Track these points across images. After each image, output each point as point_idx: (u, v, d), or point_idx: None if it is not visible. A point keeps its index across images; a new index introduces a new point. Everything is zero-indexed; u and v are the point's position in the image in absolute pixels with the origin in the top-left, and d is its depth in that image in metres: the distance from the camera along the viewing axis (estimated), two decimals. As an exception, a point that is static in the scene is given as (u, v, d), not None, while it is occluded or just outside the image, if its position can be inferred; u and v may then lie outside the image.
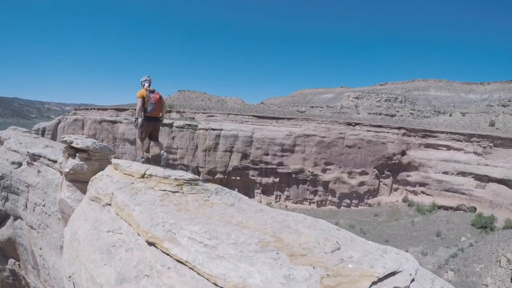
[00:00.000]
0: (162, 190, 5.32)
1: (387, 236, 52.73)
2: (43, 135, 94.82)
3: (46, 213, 11.35)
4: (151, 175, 5.81)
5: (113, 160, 6.95)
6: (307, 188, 70.88)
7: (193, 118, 76.72)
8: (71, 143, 8.29)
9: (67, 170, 8.10)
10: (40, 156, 12.11)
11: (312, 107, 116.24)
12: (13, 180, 13.57)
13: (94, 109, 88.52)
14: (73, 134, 74.83)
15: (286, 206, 69.24)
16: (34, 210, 12.53)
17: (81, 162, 8.03)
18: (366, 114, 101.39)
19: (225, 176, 71.27)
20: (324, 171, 69.81)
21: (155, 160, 7.22)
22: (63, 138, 8.65)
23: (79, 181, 8.24)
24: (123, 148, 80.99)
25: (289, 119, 74.95)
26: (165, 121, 73.02)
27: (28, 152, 12.96)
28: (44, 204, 11.58)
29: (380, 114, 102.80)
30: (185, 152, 73.55)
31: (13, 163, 13.76)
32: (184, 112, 79.26)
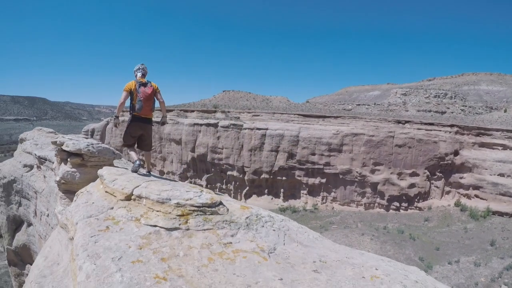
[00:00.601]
0: (151, 226, 3.98)
1: (437, 243, 53.22)
2: (92, 136, 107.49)
3: (49, 225, 10.61)
4: (140, 197, 4.55)
5: (100, 171, 5.88)
6: (354, 190, 73.21)
7: (238, 117, 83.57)
8: (61, 145, 7.12)
9: (57, 178, 7.04)
10: (45, 160, 11.43)
11: (359, 105, 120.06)
12: (24, 184, 13.17)
13: None
14: (120, 135, 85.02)
15: (333, 208, 73.07)
16: (41, 219, 11.87)
17: (73, 170, 6.82)
18: (415, 111, 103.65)
19: (271, 176, 76.27)
20: (372, 171, 71.80)
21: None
22: (55, 138, 7.62)
23: (73, 192, 6.66)
24: (169, 148, 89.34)
25: (336, 117, 78.37)
26: (210, 121, 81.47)
27: (35, 154, 12.35)
28: (48, 214, 10.93)
29: (430, 111, 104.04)
30: (231, 152, 79.81)
31: (25, 166, 13.43)
32: (229, 112, 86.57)
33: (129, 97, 6.00)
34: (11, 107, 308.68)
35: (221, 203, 4.70)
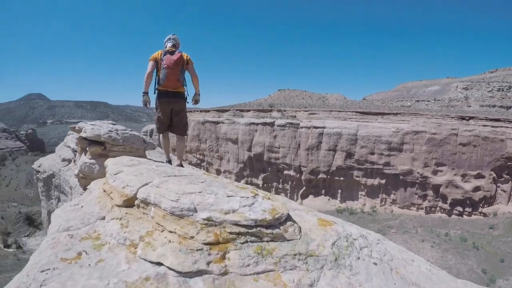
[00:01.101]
0: (153, 263, 2.65)
1: (503, 254, 51.18)
2: (150, 136, 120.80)
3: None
4: (147, 202, 3.30)
5: (107, 160, 5.01)
6: (415, 192, 73.36)
7: (295, 116, 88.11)
8: (80, 131, 6.36)
9: (75, 171, 6.36)
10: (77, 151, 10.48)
11: (418, 101, 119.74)
12: (61, 179, 12.94)
13: (197, 111, 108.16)
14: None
15: (392, 211, 74.00)
16: (75, 218, 11.97)
17: (91, 161, 5.95)
18: (478, 106, 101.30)
19: (328, 176, 79.40)
20: (434, 172, 71.60)
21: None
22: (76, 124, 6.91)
23: (94, 187, 5.72)
24: (226, 147, 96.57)
25: (396, 114, 79.18)
26: (266, 120, 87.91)
27: (71, 147, 12.08)
28: (78, 213, 10.82)
29: (494, 106, 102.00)
30: (287, 151, 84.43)
31: (63, 160, 13.23)
32: (285, 110, 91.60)
33: (155, 69, 5.41)
34: (75, 111, 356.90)
35: (288, 217, 3.27)
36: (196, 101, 5.83)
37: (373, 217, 71.28)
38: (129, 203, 3.53)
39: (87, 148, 6.14)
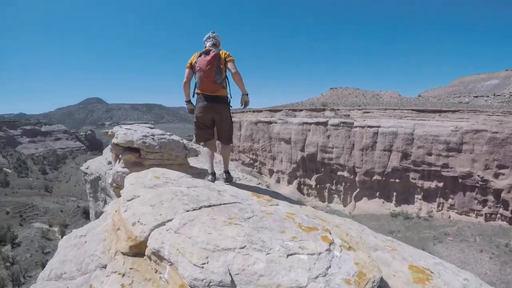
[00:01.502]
0: None
1: None
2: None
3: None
4: (160, 257, 2.67)
5: (128, 177, 4.76)
6: (475, 197, 71.14)
7: (348, 115, 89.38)
8: (113, 136, 6.04)
9: (109, 180, 6.13)
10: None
11: (476, 96, 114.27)
12: (106, 182, 12.69)
13: (250, 111, 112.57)
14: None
15: (449, 217, 72.18)
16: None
17: (124, 170, 5.60)
18: None
19: (383, 178, 79.62)
20: (496, 175, 68.80)
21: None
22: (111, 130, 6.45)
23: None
24: (279, 147, 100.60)
25: (454, 111, 76.97)
26: (319, 119, 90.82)
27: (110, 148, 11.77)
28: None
29: None
30: (341, 151, 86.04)
31: (109, 162, 13.07)
32: (338, 109, 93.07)
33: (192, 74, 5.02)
34: (131, 114, 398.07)
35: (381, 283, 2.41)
36: (245, 103, 5.08)
37: (429, 222, 70.61)
38: (138, 249, 2.87)
39: (120, 156, 5.79)
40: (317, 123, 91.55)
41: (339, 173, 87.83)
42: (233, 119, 5.30)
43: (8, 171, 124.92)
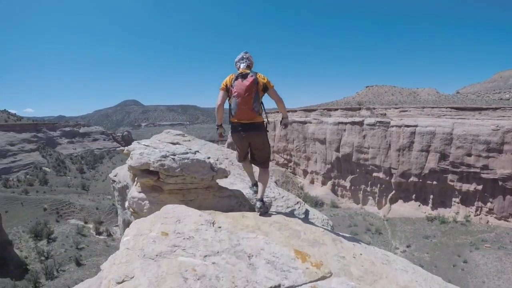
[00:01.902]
0: None
1: None
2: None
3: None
4: None
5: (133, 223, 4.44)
6: None
7: (385, 114, 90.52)
8: (128, 155, 5.59)
9: (126, 204, 5.72)
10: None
11: None
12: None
13: None
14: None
15: (488, 222, 71.52)
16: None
17: (140, 195, 5.27)
18: None
19: (420, 180, 79.94)
20: None
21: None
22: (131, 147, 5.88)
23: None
24: (313, 147, 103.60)
25: (495, 109, 76.15)
26: (355, 119, 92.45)
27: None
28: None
29: None
30: (377, 151, 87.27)
31: None
32: (374, 108, 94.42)
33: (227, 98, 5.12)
34: (166, 115, 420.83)
35: None
36: (285, 125, 5.54)
37: (466, 227, 70.22)
38: None
39: (136, 178, 5.29)
40: (353, 123, 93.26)
41: (375, 174, 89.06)
42: (268, 119, 5.35)
43: (47, 170, 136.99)
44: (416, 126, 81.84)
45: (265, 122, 5.18)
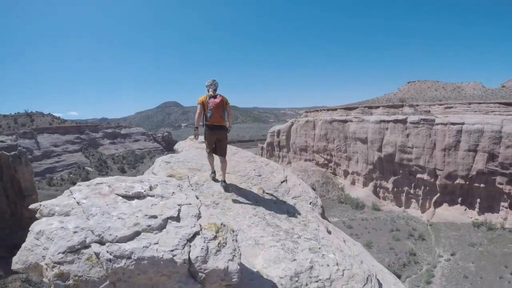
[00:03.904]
0: None
1: None
2: (278, 136, 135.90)
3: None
4: None
5: None
6: None
7: (429, 111, 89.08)
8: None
9: None
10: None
11: None
12: None
13: (324, 110, 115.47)
14: (304, 135, 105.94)
15: None
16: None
17: None
18: None
19: (467, 182, 77.65)
20: None
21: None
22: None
23: None
24: (354, 147, 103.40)
25: None
26: (398, 116, 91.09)
27: (155, 174, 10.01)
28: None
29: None
30: (421, 151, 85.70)
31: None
32: (417, 105, 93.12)
33: (203, 109, 8.00)
34: None
35: None
36: (228, 131, 8.37)
37: None
38: None
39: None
40: (395, 121, 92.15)
41: (419, 175, 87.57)
42: (307, 119, 13.57)
43: (89, 170, 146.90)
44: (463, 123, 79.57)
45: (227, 127, 8.33)
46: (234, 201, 7.68)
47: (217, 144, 8.33)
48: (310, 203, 9.22)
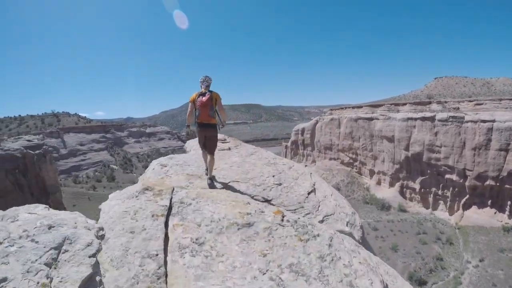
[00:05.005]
0: None
1: None
2: (302, 134, 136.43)
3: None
4: None
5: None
6: None
7: (457, 108, 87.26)
8: None
9: None
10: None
11: None
12: None
13: (349, 107, 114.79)
14: (329, 133, 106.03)
15: None
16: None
17: None
18: None
19: (497, 183, 76.02)
20: None
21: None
22: None
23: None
24: (380, 145, 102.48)
25: None
26: (426, 114, 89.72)
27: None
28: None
29: None
30: (450, 150, 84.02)
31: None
32: (446, 102, 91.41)
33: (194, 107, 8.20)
34: (230, 114, 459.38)
35: None
36: (222, 127, 8.51)
37: None
38: None
39: None
40: (423, 118, 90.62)
41: (447, 176, 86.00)
42: (331, 117, 13.46)
43: (114, 168, 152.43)
44: (494, 121, 77.66)
45: (217, 124, 8.36)
46: (230, 238, 5.22)
47: (206, 141, 8.43)
48: (347, 224, 7.26)
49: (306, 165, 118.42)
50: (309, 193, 7.94)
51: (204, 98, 7.96)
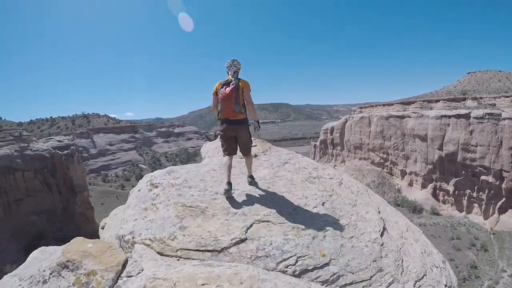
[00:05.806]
0: None
1: None
2: (331, 133, 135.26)
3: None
4: None
5: None
6: None
7: (494, 104, 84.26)
8: None
9: None
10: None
11: None
12: None
13: (379, 105, 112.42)
14: (359, 132, 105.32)
15: None
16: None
17: None
18: None
19: None
20: None
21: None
22: None
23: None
24: (412, 145, 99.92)
25: None
26: (460, 111, 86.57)
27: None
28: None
29: None
30: (486, 150, 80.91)
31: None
32: (481, 98, 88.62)
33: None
34: (258, 113, 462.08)
35: None
36: (255, 129, 6.89)
37: None
38: None
39: None
40: (458, 116, 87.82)
41: (483, 177, 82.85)
42: (362, 115, 11.57)
43: (143, 167, 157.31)
44: (533, 118, 72.63)
45: (246, 119, 6.83)
46: None
47: (233, 143, 6.89)
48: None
49: (335, 166, 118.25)
50: (381, 234, 5.35)
51: (228, 89, 6.45)
